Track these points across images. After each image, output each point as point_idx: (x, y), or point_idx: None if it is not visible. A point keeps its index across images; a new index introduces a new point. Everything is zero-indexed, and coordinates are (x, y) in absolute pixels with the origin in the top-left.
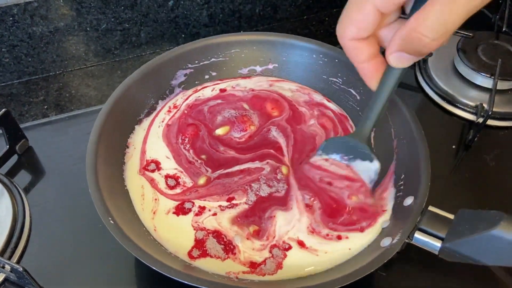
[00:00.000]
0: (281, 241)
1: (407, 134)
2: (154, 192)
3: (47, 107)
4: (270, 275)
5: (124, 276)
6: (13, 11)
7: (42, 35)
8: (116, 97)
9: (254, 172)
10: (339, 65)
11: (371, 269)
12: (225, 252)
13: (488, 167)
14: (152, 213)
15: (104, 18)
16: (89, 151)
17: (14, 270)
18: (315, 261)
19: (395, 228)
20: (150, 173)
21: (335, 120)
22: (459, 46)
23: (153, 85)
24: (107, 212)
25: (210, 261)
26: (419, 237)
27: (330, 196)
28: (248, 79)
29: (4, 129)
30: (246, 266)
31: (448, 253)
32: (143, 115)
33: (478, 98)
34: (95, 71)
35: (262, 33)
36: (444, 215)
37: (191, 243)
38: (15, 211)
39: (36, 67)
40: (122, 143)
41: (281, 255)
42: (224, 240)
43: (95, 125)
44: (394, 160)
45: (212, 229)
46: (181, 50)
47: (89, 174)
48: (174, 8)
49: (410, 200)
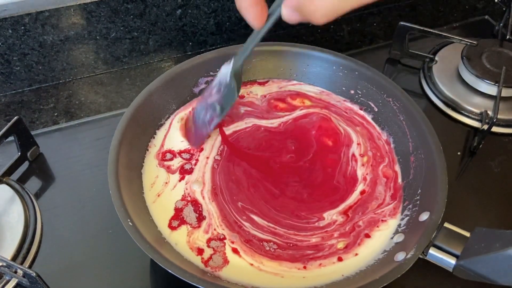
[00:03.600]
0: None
1: (425, 149)
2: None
3: (57, 114)
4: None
5: (136, 281)
6: (24, 20)
7: (52, 44)
8: (138, 102)
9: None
10: (358, 77)
11: (384, 283)
12: (198, 220)
13: (493, 173)
14: (157, 196)
15: (114, 27)
16: (111, 155)
17: (27, 275)
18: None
19: (410, 243)
20: (167, 162)
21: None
22: (464, 53)
23: (174, 91)
24: (127, 215)
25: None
26: (433, 253)
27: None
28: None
29: (16, 136)
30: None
31: (463, 271)
32: (164, 120)
33: (482, 105)
34: (104, 79)
35: (282, 44)
36: (459, 232)
37: (171, 213)
38: (27, 216)
39: (46, 75)
40: (143, 147)
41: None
42: (200, 209)
43: (117, 129)
44: (411, 175)
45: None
46: (203, 58)
47: (110, 178)
48: (182, 16)
49: (425, 216)
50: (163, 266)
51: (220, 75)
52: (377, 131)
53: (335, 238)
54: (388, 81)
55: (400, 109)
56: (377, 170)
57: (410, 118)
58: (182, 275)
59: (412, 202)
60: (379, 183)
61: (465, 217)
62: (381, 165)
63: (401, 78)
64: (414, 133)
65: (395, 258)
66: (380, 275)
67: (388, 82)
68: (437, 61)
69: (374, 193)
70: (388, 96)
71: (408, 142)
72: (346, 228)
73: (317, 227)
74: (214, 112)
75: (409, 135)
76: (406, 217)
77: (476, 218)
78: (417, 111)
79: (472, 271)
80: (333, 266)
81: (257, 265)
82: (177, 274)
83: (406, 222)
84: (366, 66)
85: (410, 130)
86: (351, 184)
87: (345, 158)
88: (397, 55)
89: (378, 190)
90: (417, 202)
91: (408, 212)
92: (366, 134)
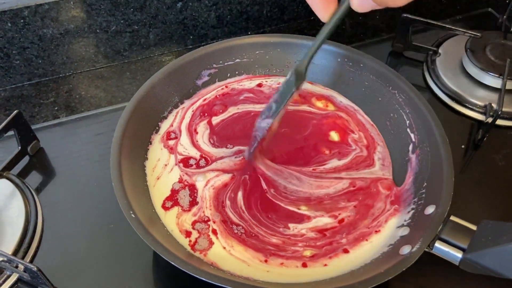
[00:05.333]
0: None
1: (431, 142)
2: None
3: (57, 108)
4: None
5: (139, 276)
6: (24, 13)
7: (52, 37)
8: (141, 95)
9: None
10: (364, 69)
11: (389, 277)
12: (190, 204)
13: (497, 166)
14: (156, 179)
15: (114, 20)
16: (114, 146)
17: (28, 270)
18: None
19: (415, 236)
20: (171, 141)
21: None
22: (468, 46)
23: (177, 84)
24: (129, 206)
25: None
26: (439, 246)
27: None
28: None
29: (16, 130)
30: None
31: (469, 265)
32: (167, 113)
33: (486, 98)
34: (105, 73)
35: (287, 35)
36: (466, 225)
37: (167, 194)
38: (28, 211)
39: (46, 69)
40: (146, 139)
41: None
42: (195, 194)
43: (120, 121)
44: (417, 168)
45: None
46: (206, 50)
47: (113, 170)
48: (183, 10)
49: (431, 209)
50: (165, 257)
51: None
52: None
53: (300, 246)
54: (394, 73)
55: (406, 102)
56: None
57: (416, 110)
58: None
59: (418, 196)
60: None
61: (469, 211)
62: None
63: (404, 71)
64: (420, 127)
65: (401, 252)
66: (385, 268)
67: (394, 74)
68: (440, 54)
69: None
70: (394, 88)
71: (415, 135)
72: (317, 243)
73: (280, 232)
74: (269, 112)
75: (415, 128)
76: (412, 211)
77: (480, 212)
78: (423, 104)
79: (479, 264)
80: (297, 270)
81: (228, 249)
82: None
83: (412, 216)
84: (371, 58)
85: (416, 123)
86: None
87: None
88: (400, 48)
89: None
90: (423, 195)
91: (414, 206)
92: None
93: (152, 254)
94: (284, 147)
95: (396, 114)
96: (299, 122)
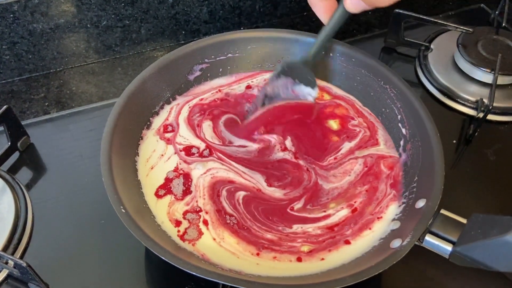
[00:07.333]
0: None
1: (422, 136)
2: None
3: (48, 104)
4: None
5: (130, 271)
6: (13, 8)
7: (42, 32)
8: (131, 90)
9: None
10: (356, 64)
11: (379, 270)
12: (183, 194)
13: (488, 161)
14: (150, 169)
15: (105, 15)
16: (104, 142)
17: (17, 265)
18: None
19: (406, 230)
20: (168, 134)
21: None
22: (459, 41)
23: (169, 79)
24: (119, 201)
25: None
26: (430, 240)
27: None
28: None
29: (6, 126)
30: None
31: (459, 258)
32: (159, 108)
33: (478, 93)
34: (96, 68)
35: (279, 30)
36: (456, 218)
37: (161, 182)
38: (17, 207)
39: (36, 64)
40: (136, 135)
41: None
42: (189, 184)
43: (110, 117)
44: (408, 161)
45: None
46: (198, 45)
47: (103, 166)
48: (175, 4)
49: (422, 203)
50: (156, 252)
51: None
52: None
53: (298, 242)
54: (385, 67)
55: (397, 96)
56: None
57: (407, 105)
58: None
59: (409, 190)
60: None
61: (460, 205)
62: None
63: (396, 67)
64: (411, 121)
65: (391, 245)
66: (376, 261)
67: (385, 68)
68: (432, 49)
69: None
70: (386, 83)
71: (406, 129)
72: (318, 239)
73: (279, 230)
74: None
75: (406, 122)
76: (403, 204)
77: (471, 206)
78: (415, 98)
79: (468, 257)
80: (289, 264)
81: (219, 240)
82: (171, 261)
83: (403, 209)
84: (362, 52)
85: (407, 117)
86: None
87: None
88: (392, 43)
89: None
90: (414, 189)
91: (405, 200)
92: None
93: (144, 248)
94: (301, 139)
95: (387, 108)
96: (303, 113)
